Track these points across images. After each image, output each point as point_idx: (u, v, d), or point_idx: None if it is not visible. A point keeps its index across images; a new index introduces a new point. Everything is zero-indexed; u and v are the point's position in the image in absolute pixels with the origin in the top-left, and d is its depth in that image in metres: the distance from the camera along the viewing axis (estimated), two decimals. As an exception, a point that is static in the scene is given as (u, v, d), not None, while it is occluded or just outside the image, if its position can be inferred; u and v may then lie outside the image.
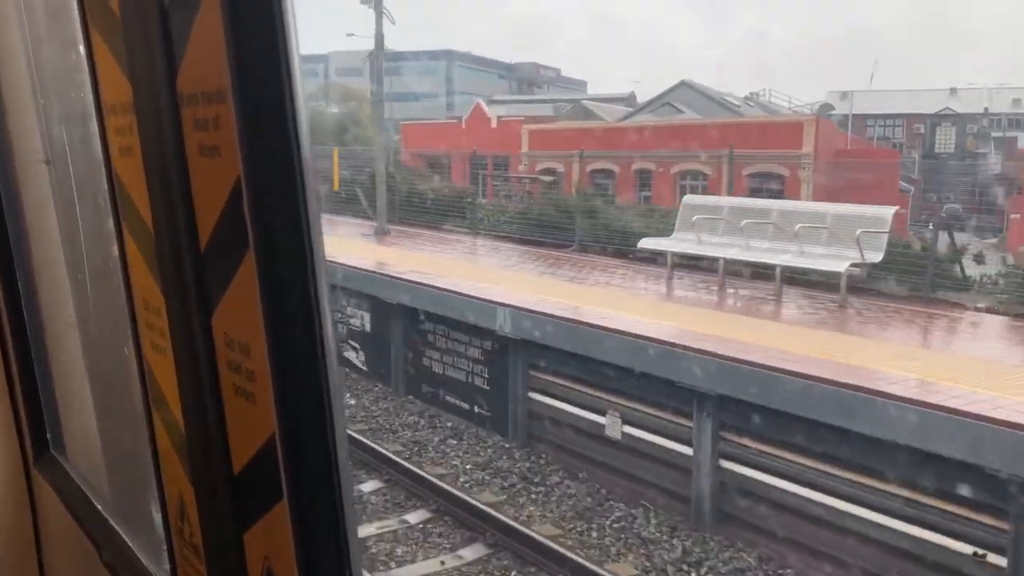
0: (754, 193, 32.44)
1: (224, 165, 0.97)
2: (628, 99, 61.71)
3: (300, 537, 1.01)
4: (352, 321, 15.04)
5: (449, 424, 12.48)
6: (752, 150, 34.03)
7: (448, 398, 12.77)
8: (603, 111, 50.62)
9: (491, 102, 54.73)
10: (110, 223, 1.43)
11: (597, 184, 38.08)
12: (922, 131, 69.87)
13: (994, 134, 56.39)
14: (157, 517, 1.53)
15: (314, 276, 0.95)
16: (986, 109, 65.23)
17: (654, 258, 15.72)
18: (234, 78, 0.92)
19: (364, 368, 14.77)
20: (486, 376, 12.07)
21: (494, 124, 44.57)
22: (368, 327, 14.65)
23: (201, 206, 1.06)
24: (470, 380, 12.35)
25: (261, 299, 0.96)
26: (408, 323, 13.61)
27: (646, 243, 14.30)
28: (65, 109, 1.95)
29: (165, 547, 1.51)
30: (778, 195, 32.75)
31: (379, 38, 19.58)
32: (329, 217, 24.85)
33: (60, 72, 1.89)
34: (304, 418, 0.99)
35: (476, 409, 12.22)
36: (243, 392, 1.05)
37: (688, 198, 14.70)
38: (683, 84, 49.57)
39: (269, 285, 0.96)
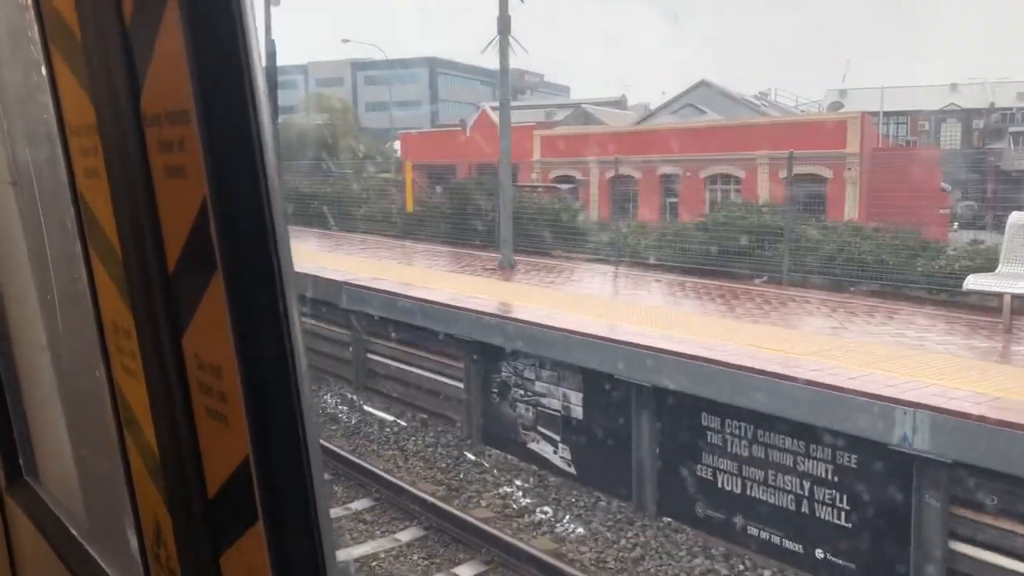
0: (794, 197, 29.77)
1: (190, 186, 0.97)
2: (620, 102, 59.55)
3: (276, 560, 0.99)
4: (547, 402, 10.58)
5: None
6: (790, 151, 31.64)
7: (756, 530, 8.42)
8: (604, 115, 47.91)
9: (477, 109, 52.07)
10: (77, 245, 1.43)
11: (616, 191, 35.01)
12: (927, 127, 67.78)
13: (1012, 129, 53.97)
14: (133, 542, 1.52)
15: (283, 296, 0.95)
16: (992, 104, 63.46)
17: (923, 296, 11.63)
18: (197, 99, 0.92)
19: (570, 470, 10.32)
20: (845, 508, 7.75)
21: (501, 131, 41.47)
22: (579, 412, 10.22)
23: (168, 227, 1.05)
24: (804, 508, 8.03)
25: (230, 320, 0.95)
26: (668, 414, 9.21)
27: (976, 281, 10.20)
28: (30, 130, 1.89)
29: (142, 572, 1.48)
30: (821, 198, 30.08)
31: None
32: (410, 245, 20.27)
33: (24, 92, 1.84)
34: (278, 439, 0.97)
35: (824, 555, 7.88)
36: (215, 414, 1.04)
37: (1016, 216, 10.57)
38: (702, 84, 47.23)
39: (238, 306, 0.95)
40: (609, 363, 9.62)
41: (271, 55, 25.38)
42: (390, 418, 12.79)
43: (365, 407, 13.39)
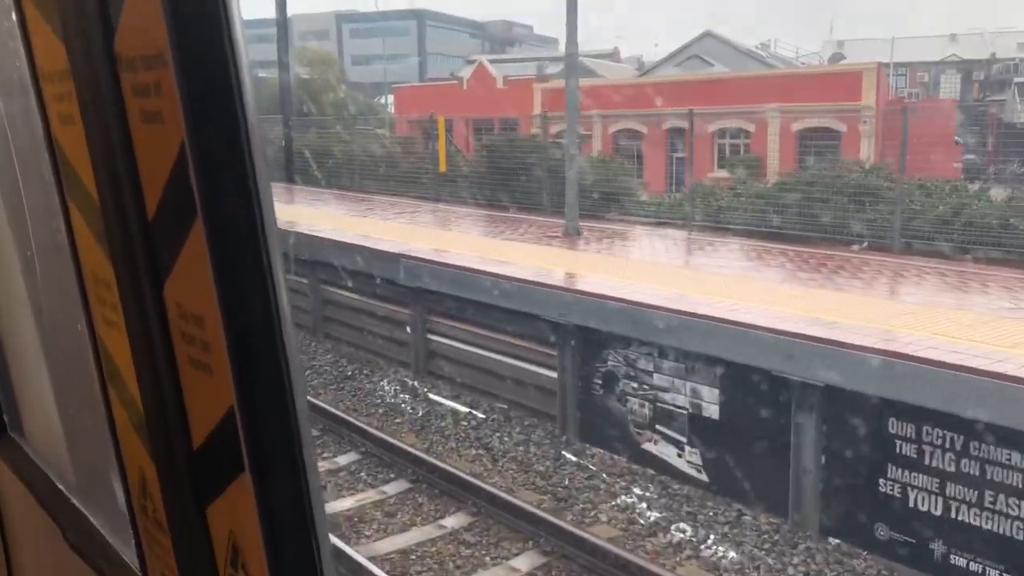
0: (805, 151, 28.80)
1: (168, 132, 0.96)
2: (613, 55, 58.12)
3: (264, 509, 0.99)
4: (669, 397, 9.11)
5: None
6: (802, 104, 30.62)
7: (964, 560, 7.05)
8: (601, 68, 46.36)
9: (468, 63, 50.33)
10: (55, 196, 1.41)
11: (620, 146, 33.61)
12: (926, 79, 66.70)
13: (1018, 79, 52.75)
14: (120, 495, 1.51)
15: (265, 243, 0.93)
16: (993, 54, 62.45)
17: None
18: (173, 41, 0.91)
19: (700, 476, 8.89)
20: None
21: (500, 84, 40.21)
22: (713, 410, 8.75)
23: (147, 175, 1.05)
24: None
25: (212, 268, 0.94)
26: (839, 417, 7.78)
27: None
28: (2, 78, 1.80)
29: (130, 525, 1.48)
30: (833, 151, 29.00)
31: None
32: (449, 209, 18.54)
33: None
34: (262, 389, 0.96)
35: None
36: (199, 364, 1.03)
37: None
38: (707, 35, 45.83)
39: (219, 253, 0.93)
40: (761, 356, 8.14)
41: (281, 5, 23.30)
42: (463, 409, 11.27)
43: (430, 395, 11.86)
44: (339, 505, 9.00)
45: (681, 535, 8.21)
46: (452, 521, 8.63)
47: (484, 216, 17.42)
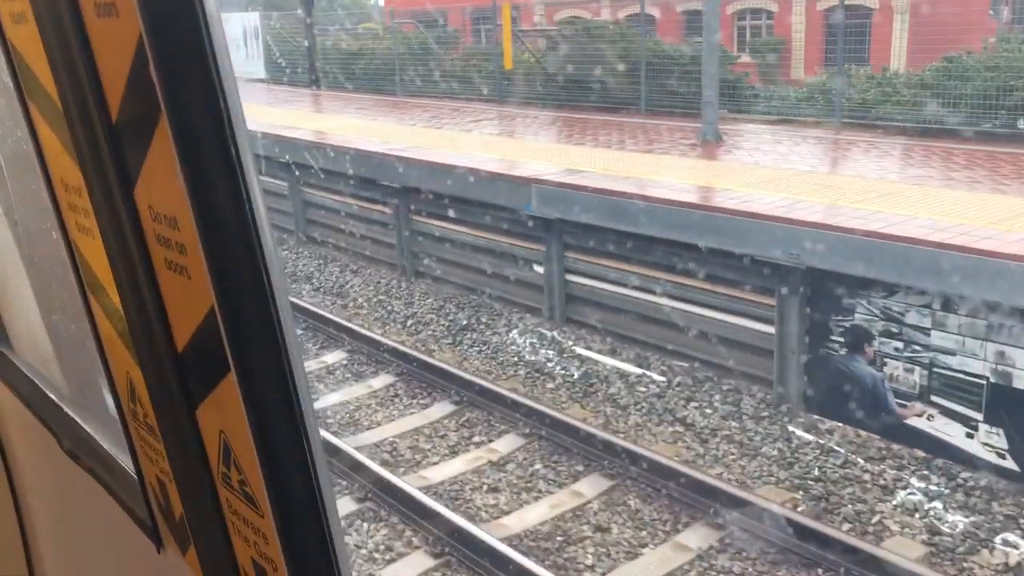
0: (832, 32, 25.90)
1: (124, 25, 0.92)
2: None
3: (252, 407, 0.99)
4: (955, 362, 6.94)
5: None
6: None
7: None
8: None
9: None
10: (16, 101, 1.38)
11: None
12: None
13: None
14: (111, 402, 1.53)
15: (233, 138, 0.88)
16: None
17: None
18: None
19: (1006, 464, 6.81)
20: None
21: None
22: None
23: (106, 73, 1.01)
24: None
25: (181, 167, 0.91)
26: None
27: None
28: None
29: (121, 431, 1.49)
30: (863, 34, 26.06)
31: None
32: (531, 114, 15.90)
33: None
34: (241, 287, 0.94)
35: None
36: (176, 267, 1.02)
37: None
38: None
39: (187, 150, 0.90)
40: None
41: None
42: (632, 369, 9.09)
43: (578, 350, 9.65)
44: (529, 517, 6.89)
45: (1015, 551, 6.16)
46: (693, 539, 6.54)
47: (578, 122, 14.88)
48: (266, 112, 17.82)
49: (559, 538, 6.64)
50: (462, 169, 11.02)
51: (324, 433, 8.07)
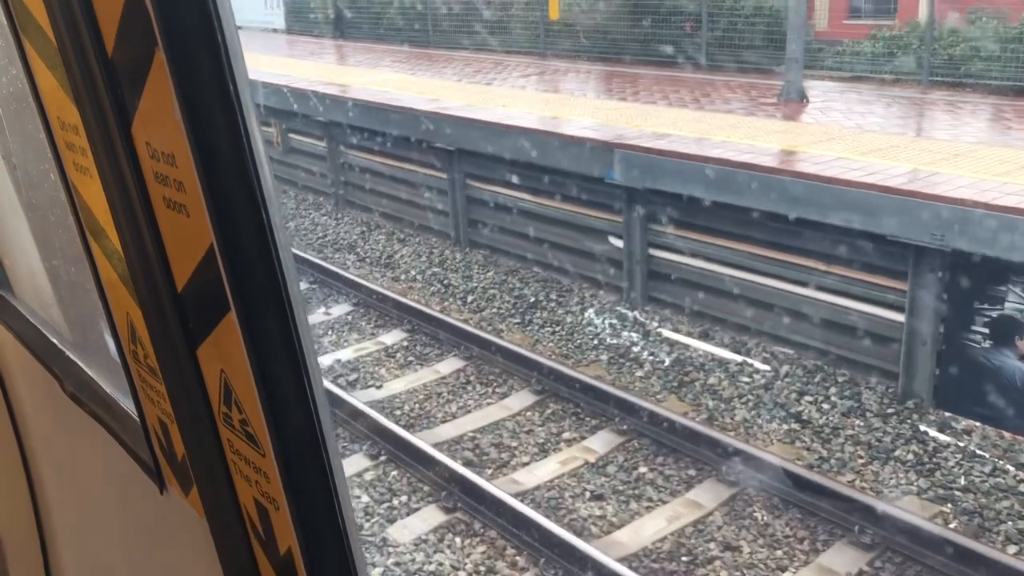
0: None
1: None
2: None
3: (252, 347, 0.98)
4: None
5: None
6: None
7: None
8: None
9: None
10: (9, 35, 1.36)
11: None
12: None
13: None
14: (112, 345, 1.52)
15: (231, 72, 0.86)
16: None
17: None
18: None
19: None
20: None
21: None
22: None
23: (101, 8, 1.00)
24: None
25: (178, 102, 0.90)
26: None
27: None
28: None
29: (123, 373, 1.50)
30: None
31: None
32: (582, 68, 14.83)
33: None
34: (241, 225, 0.93)
35: None
36: (175, 205, 1.01)
37: None
38: None
39: (184, 86, 0.89)
40: None
41: None
42: (731, 356, 8.25)
43: (665, 332, 8.81)
44: (645, 532, 6.10)
45: None
46: (839, 561, 5.75)
47: (635, 78, 13.83)
48: (293, 65, 16.75)
49: (684, 558, 5.85)
50: (527, 131, 10.07)
51: (398, 428, 7.25)
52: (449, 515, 6.38)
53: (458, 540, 6.13)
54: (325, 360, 8.88)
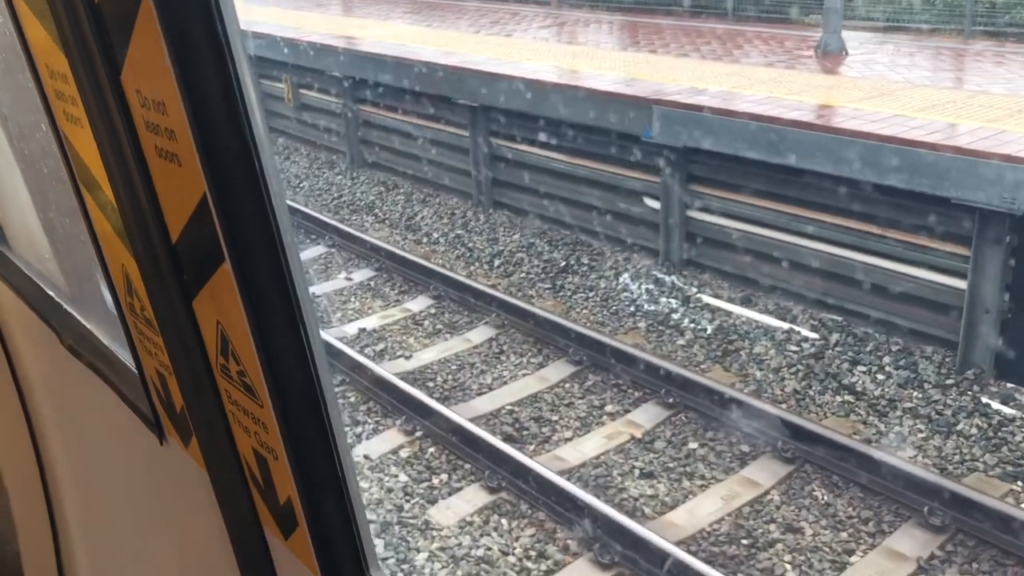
0: None
1: None
2: None
3: (247, 297, 0.97)
4: None
5: None
6: None
7: None
8: None
9: None
10: None
11: None
12: None
13: None
14: (108, 297, 1.53)
15: (219, 14, 0.84)
16: None
17: None
18: None
19: None
20: None
21: None
22: None
23: None
24: None
25: (167, 47, 0.88)
26: None
27: None
28: None
29: (120, 325, 1.49)
30: None
31: None
32: (588, 16, 14.26)
33: None
34: (234, 174, 0.92)
35: None
36: (166, 154, 1.01)
37: None
38: None
39: (172, 30, 0.87)
40: None
41: None
42: (778, 324, 7.92)
43: (705, 298, 8.46)
44: (701, 512, 5.82)
45: None
46: (908, 545, 5.48)
47: (659, 29, 13.26)
48: (301, 18, 16.15)
49: (744, 541, 5.57)
50: (556, 86, 9.60)
51: (433, 402, 6.94)
52: (493, 495, 6.09)
53: (505, 522, 5.85)
54: (350, 329, 8.55)
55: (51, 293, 2.10)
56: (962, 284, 6.85)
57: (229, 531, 1.35)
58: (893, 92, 8.58)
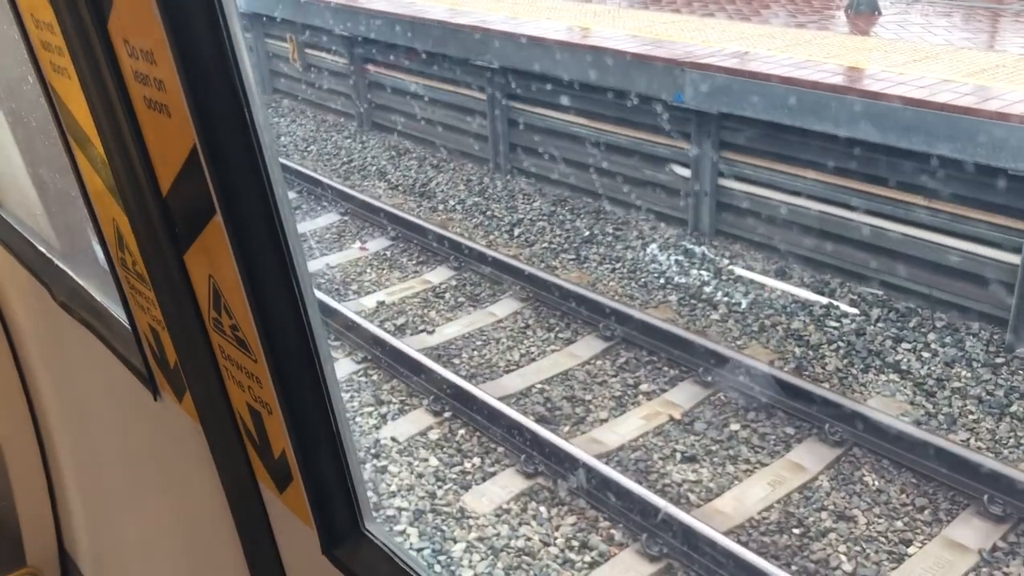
0: None
1: None
2: None
3: (239, 251, 0.95)
4: None
5: None
6: None
7: None
8: None
9: None
10: None
11: None
12: None
13: None
14: (100, 252, 1.50)
15: None
16: None
17: None
18: None
19: None
20: None
21: None
22: None
23: None
24: None
25: None
26: None
27: None
28: None
29: (112, 280, 1.48)
30: None
31: None
32: None
33: None
34: (224, 125, 0.89)
35: None
36: (156, 105, 0.98)
37: None
38: None
39: None
40: None
41: None
42: (815, 298, 7.64)
43: (737, 270, 8.17)
44: (748, 500, 5.59)
45: None
46: (969, 535, 5.25)
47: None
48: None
49: (795, 530, 5.34)
50: (578, 47, 9.19)
51: (461, 380, 6.66)
52: (530, 481, 5.84)
53: (543, 510, 5.60)
54: (368, 302, 8.24)
55: (43, 249, 2.08)
56: (1015, 259, 6.56)
57: (224, 485, 1.34)
58: (937, 55, 8.20)
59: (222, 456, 1.32)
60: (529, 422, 6.16)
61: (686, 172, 8.54)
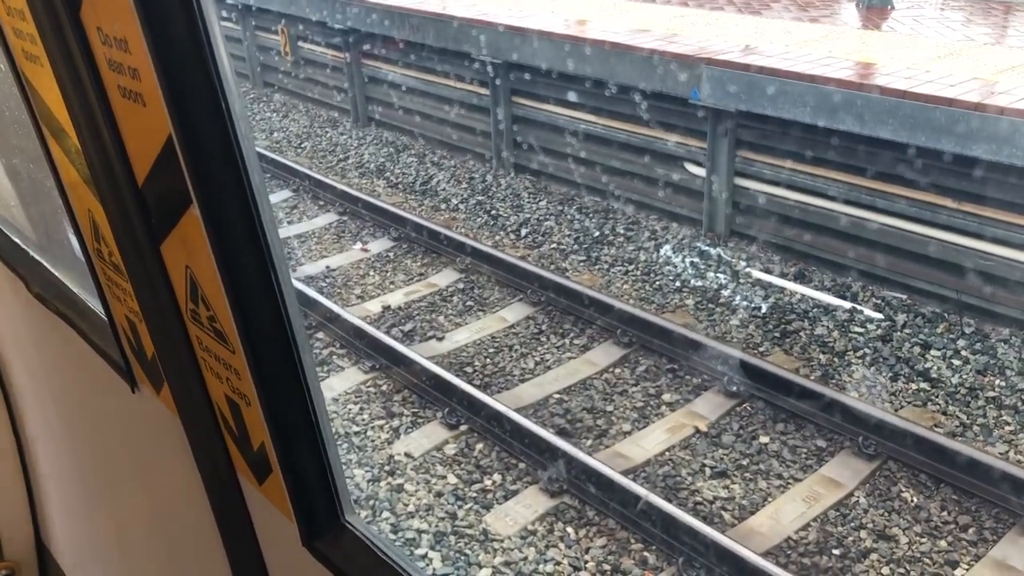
0: None
1: None
2: None
3: (216, 241, 0.94)
4: None
5: None
6: None
7: None
8: None
9: None
10: None
11: None
12: None
13: None
14: (76, 243, 1.47)
15: None
16: None
17: None
18: None
19: None
20: None
21: None
22: None
23: None
24: None
25: None
26: None
27: None
28: None
29: (88, 271, 1.46)
30: None
31: None
32: None
33: None
34: (199, 114, 0.88)
35: None
36: (130, 94, 0.96)
37: None
38: None
39: None
40: None
41: None
42: (838, 302, 7.41)
43: (756, 273, 7.93)
44: (784, 518, 5.34)
45: None
46: (1015, 552, 5.04)
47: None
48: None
49: (835, 551, 5.11)
50: (586, 42, 8.90)
51: (476, 391, 6.38)
52: (555, 500, 5.57)
53: (571, 531, 5.34)
54: (372, 306, 7.93)
55: (17, 240, 2.04)
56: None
57: (203, 477, 1.32)
58: (960, 52, 7.98)
59: (201, 448, 1.31)
60: (550, 435, 5.89)
61: (700, 171, 8.29)
